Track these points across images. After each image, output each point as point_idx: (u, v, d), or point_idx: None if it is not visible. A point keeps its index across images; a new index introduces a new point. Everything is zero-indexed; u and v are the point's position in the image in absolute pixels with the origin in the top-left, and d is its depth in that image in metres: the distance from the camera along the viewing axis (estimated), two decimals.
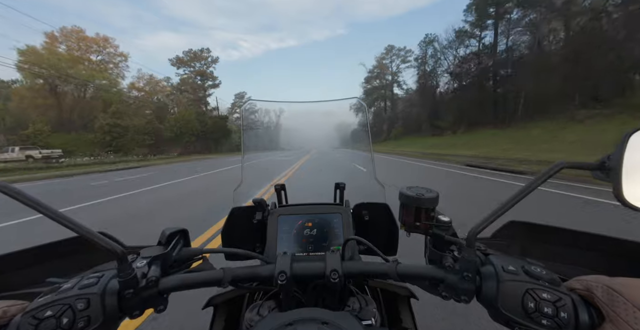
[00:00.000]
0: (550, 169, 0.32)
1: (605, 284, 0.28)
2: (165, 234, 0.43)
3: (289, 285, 0.41)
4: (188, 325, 1.69)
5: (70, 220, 0.29)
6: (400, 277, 0.40)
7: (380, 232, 0.74)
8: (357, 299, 0.56)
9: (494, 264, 0.34)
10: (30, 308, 0.30)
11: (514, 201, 0.32)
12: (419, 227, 0.43)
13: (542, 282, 0.31)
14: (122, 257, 0.32)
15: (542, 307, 0.29)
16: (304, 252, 0.65)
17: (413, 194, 0.42)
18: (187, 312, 1.76)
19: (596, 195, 4.49)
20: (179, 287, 0.38)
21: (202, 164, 18.25)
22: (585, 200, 4.35)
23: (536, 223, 0.46)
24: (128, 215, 4.51)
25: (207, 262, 0.47)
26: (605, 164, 0.30)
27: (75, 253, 0.48)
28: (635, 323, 0.25)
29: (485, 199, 4.67)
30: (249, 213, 0.72)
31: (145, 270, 0.37)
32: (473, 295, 0.35)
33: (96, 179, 10.79)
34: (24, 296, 0.37)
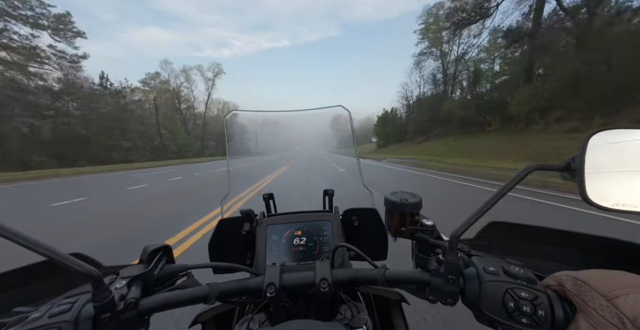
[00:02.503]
0: (521, 172, 0.34)
1: (573, 277, 0.30)
2: (147, 251, 0.42)
3: (278, 297, 0.40)
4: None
5: (37, 243, 0.28)
6: (389, 283, 0.41)
7: (370, 237, 0.75)
8: (348, 306, 0.56)
9: (476, 266, 0.35)
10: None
11: (490, 204, 0.34)
12: (404, 231, 0.43)
13: (520, 281, 0.32)
14: (97, 279, 0.31)
15: (521, 306, 0.30)
16: (294, 261, 0.64)
17: (397, 200, 0.43)
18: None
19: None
20: (161, 307, 0.36)
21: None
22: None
23: (515, 223, 0.47)
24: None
25: (192, 278, 0.45)
26: (570, 165, 0.32)
27: (46, 278, 0.45)
28: (601, 309, 0.26)
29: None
30: (237, 224, 0.70)
31: (124, 291, 0.35)
32: (458, 297, 0.36)
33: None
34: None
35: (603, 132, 0.31)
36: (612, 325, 0.25)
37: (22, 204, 6.29)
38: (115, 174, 15.82)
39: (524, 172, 0.33)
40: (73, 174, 16.31)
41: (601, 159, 0.30)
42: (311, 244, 0.66)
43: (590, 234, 0.42)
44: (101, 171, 18.44)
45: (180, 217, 4.09)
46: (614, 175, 0.30)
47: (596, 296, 0.27)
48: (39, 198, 6.95)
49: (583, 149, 0.31)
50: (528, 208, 4.37)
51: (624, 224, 3.46)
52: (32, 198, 7.22)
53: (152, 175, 13.70)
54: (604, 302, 0.26)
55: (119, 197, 6.71)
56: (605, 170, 0.30)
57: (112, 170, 19.35)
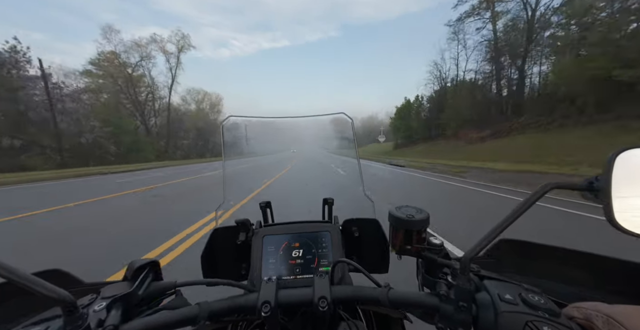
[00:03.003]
0: (539, 190, 0.31)
1: (605, 313, 0.27)
2: (133, 267, 0.39)
3: (274, 316, 0.37)
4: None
5: None
6: (392, 304, 0.38)
7: (371, 248, 0.72)
8: (347, 325, 0.53)
9: (490, 292, 0.32)
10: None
11: (505, 224, 0.31)
12: (409, 250, 0.41)
13: (541, 313, 0.29)
14: (69, 304, 0.27)
15: None
16: (291, 275, 0.61)
17: (403, 216, 0.40)
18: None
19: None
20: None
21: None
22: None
23: (527, 241, 0.45)
24: None
25: (181, 297, 0.42)
26: (593, 184, 0.30)
27: (9, 299, 0.41)
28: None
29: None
30: (232, 234, 0.68)
31: (102, 315, 0.32)
32: (470, 327, 0.33)
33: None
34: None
35: (632, 150, 0.29)
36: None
37: None
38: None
39: (542, 190, 0.31)
40: None
41: (630, 179, 0.28)
42: (309, 256, 0.63)
43: (609, 256, 0.39)
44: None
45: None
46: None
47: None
48: None
49: (609, 168, 0.28)
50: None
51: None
52: None
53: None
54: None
55: None
56: (635, 192, 0.27)
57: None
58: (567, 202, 4.54)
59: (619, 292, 0.36)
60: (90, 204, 5.66)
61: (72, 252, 2.86)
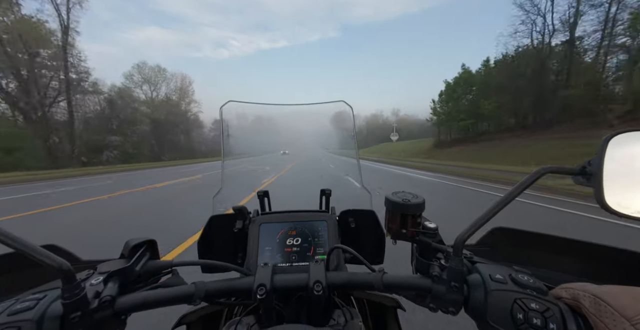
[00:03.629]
0: (532, 175, 0.31)
1: (592, 293, 0.28)
2: (129, 245, 0.39)
3: (269, 300, 0.38)
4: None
5: (3, 233, 0.25)
6: (386, 288, 0.38)
7: (366, 239, 0.72)
8: (342, 311, 0.53)
9: (482, 273, 0.33)
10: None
11: (497, 208, 0.32)
12: (405, 234, 0.41)
13: (530, 291, 0.30)
14: (68, 273, 0.28)
15: (530, 318, 0.28)
16: (287, 262, 0.61)
17: (399, 200, 0.41)
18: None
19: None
20: (141, 306, 0.33)
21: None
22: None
23: (521, 229, 0.45)
24: None
25: (177, 276, 0.43)
26: (586, 169, 0.30)
27: (12, 271, 0.41)
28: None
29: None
30: (229, 221, 0.68)
31: (99, 288, 0.32)
32: (461, 306, 0.33)
33: None
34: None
35: (625, 134, 0.29)
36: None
37: None
38: None
39: (535, 175, 0.31)
40: None
41: (622, 163, 0.28)
42: (306, 244, 0.64)
43: (599, 243, 0.40)
44: None
45: None
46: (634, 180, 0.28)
47: (619, 319, 0.24)
48: None
49: (602, 152, 0.29)
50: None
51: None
52: None
53: None
54: (628, 326, 0.24)
55: None
56: (625, 175, 0.28)
57: None
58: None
59: (607, 277, 0.37)
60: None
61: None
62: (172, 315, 1.31)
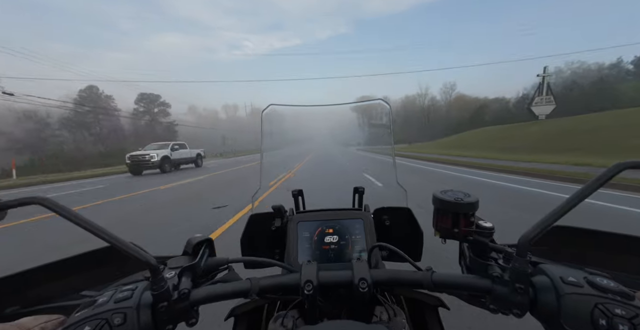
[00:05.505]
0: (609, 170, 0.29)
1: None
2: (192, 243, 0.43)
3: (315, 295, 0.39)
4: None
5: (104, 231, 0.29)
6: (436, 287, 0.38)
7: (402, 237, 0.72)
8: (385, 308, 0.54)
9: (549, 275, 0.32)
10: (69, 323, 0.29)
11: (568, 206, 0.30)
12: (457, 233, 0.40)
13: (612, 296, 0.28)
14: (155, 268, 0.31)
15: (616, 324, 0.26)
16: (326, 259, 0.63)
17: (451, 199, 0.40)
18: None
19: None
20: (209, 299, 0.37)
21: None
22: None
23: (585, 228, 0.42)
24: None
25: (233, 272, 0.46)
26: None
27: (104, 264, 0.48)
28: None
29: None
30: (267, 219, 0.71)
31: (175, 281, 0.36)
32: (527, 309, 0.32)
33: None
34: (59, 309, 0.37)
35: None
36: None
37: None
38: None
39: (612, 170, 0.28)
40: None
41: None
42: (343, 242, 0.65)
43: None
44: None
45: None
46: None
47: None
48: None
49: None
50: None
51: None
52: None
53: None
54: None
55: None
56: None
57: None
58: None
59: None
60: None
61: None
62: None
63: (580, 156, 10.82)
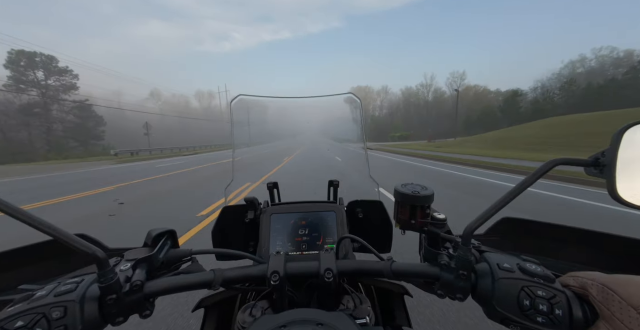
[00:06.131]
0: (544, 166, 0.32)
1: (599, 282, 0.28)
2: (152, 235, 0.42)
3: (282, 285, 0.40)
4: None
5: (44, 223, 0.27)
6: (395, 275, 0.40)
7: (374, 229, 0.74)
8: (351, 297, 0.56)
9: (489, 262, 0.34)
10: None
11: (507, 199, 0.32)
12: (414, 224, 0.42)
13: (537, 279, 0.31)
14: (103, 260, 0.30)
15: (537, 305, 0.29)
16: (297, 251, 0.64)
17: (408, 192, 0.41)
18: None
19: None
20: (166, 290, 0.36)
21: None
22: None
23: (529, 219, 0.46)
24: None
25: (197, 263, 0.45)
26: (599, 160, 0.30)
27: (51, 258, 0.45)
28: (629, 322, 0.24)
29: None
30: (240, 212, 0.70)
31: (129, 273, 0.35)
32: (468, 293, 0.35)
33: None
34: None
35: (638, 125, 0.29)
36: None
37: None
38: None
39: (548, 165, 0.31)
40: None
41: (635, 154, 0.28)
42: (315, 234, 0.66)
43: (611, 233, 0.40)
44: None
45: None
46: None
47: (625, 307, 0.25)
48: None
49: (616, 143, 0.29)
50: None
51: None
52: None
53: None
54: (635, 314, 0.24)
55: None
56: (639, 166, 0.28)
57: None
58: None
59: (616, 267, 0.37)
60: None
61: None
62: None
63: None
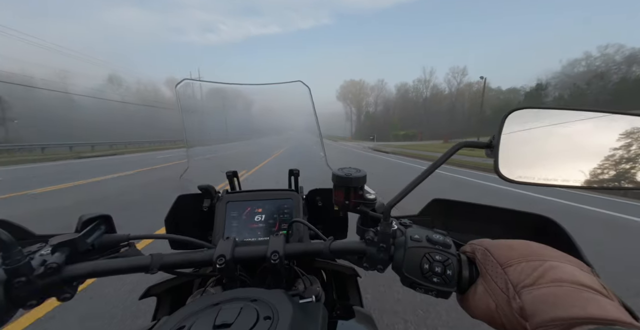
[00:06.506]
0: (452, 148, 0.36)
1: (484, 247, 0.33)
2: (82, 220, 0.41)
3: (229, 269, 0.41)
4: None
5: None
6: (333, 253, 0.42)
7: (332, 216, 0.77)
8: (302, 280, 0.59)
9: (405, 235, 0.38)
10: None
11: (420, 179, 0.36)
12: (347, 205, 0.45)
13: (437, 247, 0.35)
14: (7, 242, 0.29)
15: (434, 267, 0.33)
16: (252, 237, 0.65)
17: (342, 174, 0.44)
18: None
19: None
20: (91, 274, 0.36)
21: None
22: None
23: (455, 200, 0.51)
24: None
25: (134, 248, 0.45)
26: (492, 142, 0.35)
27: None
28: (496, 276, 0.30)
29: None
30: (197, 200, 0.70)
31: (48, 258, 0.34)
32: (387, 264, 0.38)
33: None
34: None
35: (520, 111, 0.34)
36: (500, 289, 0.28)
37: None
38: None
39: (454, 148, 0.35)
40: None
41: (515, 136, 0.33)
42: (271, 221, 0.68)
43: (515, 209, 0.47)
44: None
45: None
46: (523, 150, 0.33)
47: (495, 265, 0.30)
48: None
49: (500, 127, 0.33)
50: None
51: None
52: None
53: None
54: (500, 270, 0.29)
55: None
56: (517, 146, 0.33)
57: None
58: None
59: (503, 234, 0.43)
60: None
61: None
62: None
63: None
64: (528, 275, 0.27)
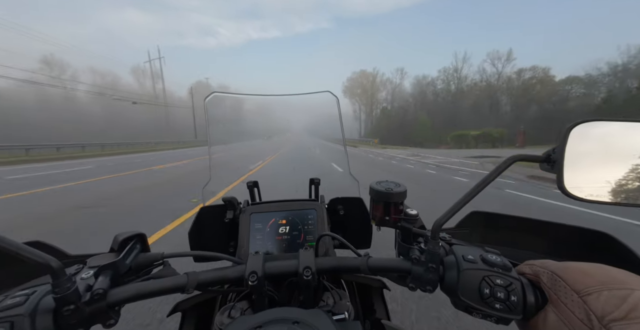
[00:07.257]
0: (504, 162, 0.34)
1: (549, 270, 0.31)
2: (118, 239, 0.40)
3: (260, 286, 0.40)
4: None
5: None
6: (371, 271, 0.41)
7: (355, 226, 0.75)
8: (331, 294, 0.57)
9: (456, 254, 0.36)
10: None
11: (472, 194, 0.34)
12: (388, 221, 0.43)
13: (496, 269, 0.33)
14: (57, 269, 0.28)
15: (495, 292, 0.31)
16: (278, 250, 0.64)
17: (382, 189, 0.43)
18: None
19: None
20: (134, 297, 0.34)
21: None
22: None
23: (495, 212, 0.49)
24: None
25: (169, 267, 0.44)
26: (550, 156, 0.33)
27: (3, 267, 0.41)
28: (571, 305, 0.27)
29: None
30: (219, 212, 0.69)
31: (91, 282, 0.33)
32: (437, 285, 0.36)
33: None
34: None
35: (585, 124, 0.31)
36: (579, 320, 0.25)
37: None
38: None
39: (507, 162, 0.33)
40: None
41: (581, 151, 0.31)
42: (295, 232, 0.66)
43: (564, 223, 0.44)
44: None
45: None
46: (591, 166, 0.31)
47: (570, 292, 0.28)
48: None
49: (564, 141, 0.31)
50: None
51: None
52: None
53: None
54: (576, 298, 0.27)
55: None
56: (584, 162, 0.30)
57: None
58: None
59: (566, 254, 0.41)
60: None
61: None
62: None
63: None
64: (616, 306, 0.24)
